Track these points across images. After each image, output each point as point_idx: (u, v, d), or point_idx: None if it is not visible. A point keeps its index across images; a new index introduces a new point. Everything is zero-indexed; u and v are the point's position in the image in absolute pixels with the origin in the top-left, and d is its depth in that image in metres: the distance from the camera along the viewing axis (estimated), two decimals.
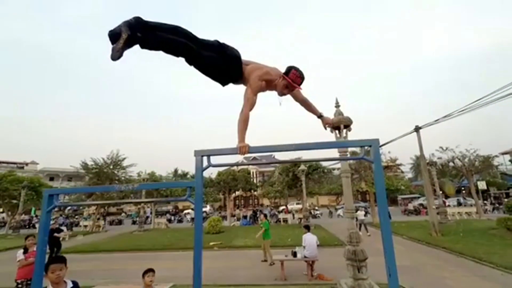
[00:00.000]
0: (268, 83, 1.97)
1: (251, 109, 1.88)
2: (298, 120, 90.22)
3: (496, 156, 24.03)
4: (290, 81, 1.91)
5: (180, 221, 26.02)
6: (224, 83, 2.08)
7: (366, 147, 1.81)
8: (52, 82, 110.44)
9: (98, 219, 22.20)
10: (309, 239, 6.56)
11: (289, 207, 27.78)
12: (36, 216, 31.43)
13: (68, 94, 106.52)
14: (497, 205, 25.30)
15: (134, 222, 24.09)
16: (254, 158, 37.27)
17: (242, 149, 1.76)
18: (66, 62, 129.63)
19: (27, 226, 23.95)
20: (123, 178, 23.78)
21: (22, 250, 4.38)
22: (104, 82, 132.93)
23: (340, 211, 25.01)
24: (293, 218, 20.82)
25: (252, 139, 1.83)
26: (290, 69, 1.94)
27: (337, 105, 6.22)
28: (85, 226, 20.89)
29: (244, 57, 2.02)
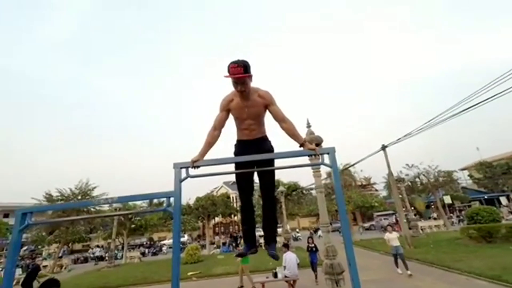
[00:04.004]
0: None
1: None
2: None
3: (456, 171, 26.38)
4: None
5: (155, 253, 24.22)
6: None
7: (324, 154, 2.10)
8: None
9: (60, 257, 19.97)
10: (289, 257, 6.57)
11: None
12: None
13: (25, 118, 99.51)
14: (461, 217, 27.10)
15: (102, 259, 21.97)
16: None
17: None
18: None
19: None
20: (92, 209, 22.16)
21: None
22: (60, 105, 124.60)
23: (320, 232, 25.03)
24: None
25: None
26: None
27: (309, 126, 6.73)
28: (44, 266, 18.56)
29: None
